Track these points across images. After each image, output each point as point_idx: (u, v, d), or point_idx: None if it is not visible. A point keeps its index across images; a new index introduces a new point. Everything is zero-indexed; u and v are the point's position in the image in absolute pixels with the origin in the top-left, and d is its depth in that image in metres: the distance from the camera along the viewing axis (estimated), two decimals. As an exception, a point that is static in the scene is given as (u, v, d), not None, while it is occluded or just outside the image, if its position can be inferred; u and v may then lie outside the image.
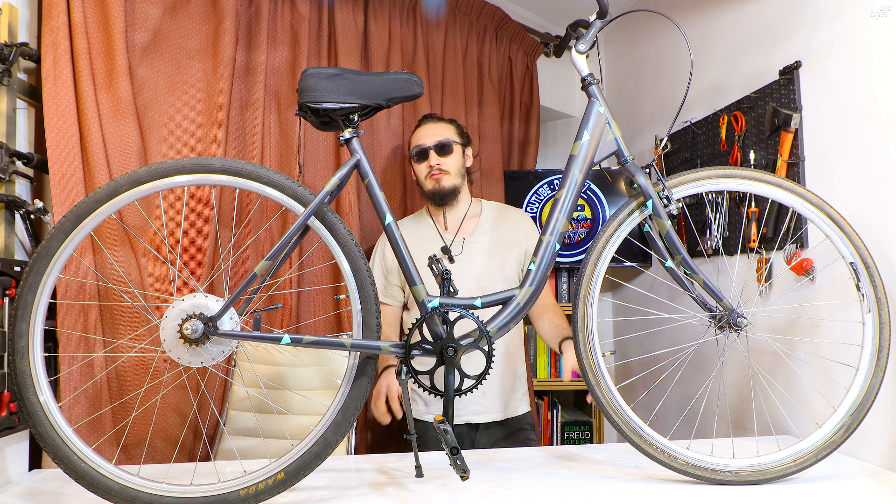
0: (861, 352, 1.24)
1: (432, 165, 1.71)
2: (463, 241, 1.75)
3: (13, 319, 1.08)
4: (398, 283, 1.78)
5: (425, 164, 1.72)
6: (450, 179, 1.72)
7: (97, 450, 1.09)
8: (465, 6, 2.37)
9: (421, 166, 1.74)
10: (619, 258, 1.33)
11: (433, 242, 1.76)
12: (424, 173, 1.73)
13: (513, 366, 1.77)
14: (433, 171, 1.71)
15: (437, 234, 1.77)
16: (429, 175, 1.72)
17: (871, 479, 1.27)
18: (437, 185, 1.71)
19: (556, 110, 3.06)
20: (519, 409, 1.78)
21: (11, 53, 1.32)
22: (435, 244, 1.75)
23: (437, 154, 1.71)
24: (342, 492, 1.19)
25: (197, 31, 1.70)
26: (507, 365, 1.75)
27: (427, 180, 1.73)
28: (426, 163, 1.72)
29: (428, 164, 1.72)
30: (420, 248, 1.72)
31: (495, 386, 1.73)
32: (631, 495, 1.17)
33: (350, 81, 1.18)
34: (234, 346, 1.15)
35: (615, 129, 1.28)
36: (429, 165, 1.72)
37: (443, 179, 1.71)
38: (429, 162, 1.72)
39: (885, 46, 1.39)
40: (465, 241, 1.75)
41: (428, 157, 1.72)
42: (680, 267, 1.26)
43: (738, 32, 1.96)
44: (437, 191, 1.72)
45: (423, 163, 1.73)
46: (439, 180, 1.71)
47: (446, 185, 1.71)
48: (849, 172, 1.48)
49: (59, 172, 1.43)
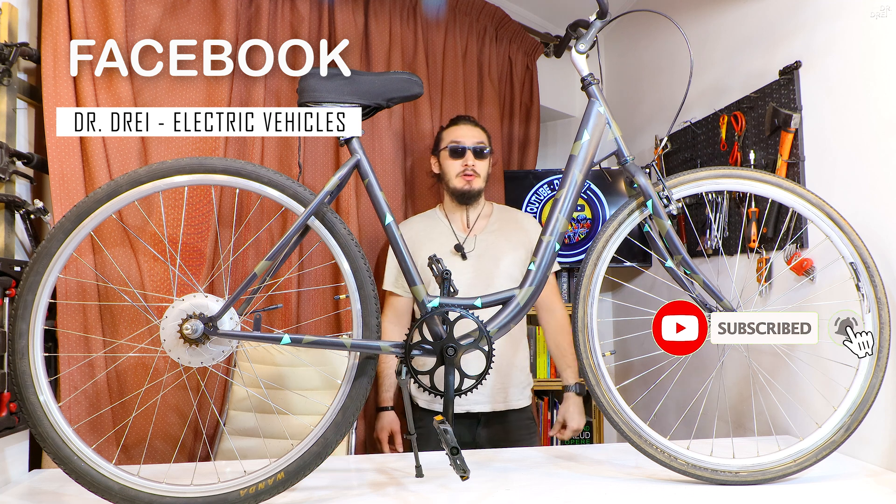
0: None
1: (468, 165, 1.75)
2: (475, 238, 1.79)
3: (13, 319, 1.08)
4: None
5: (460, 161, 1.76)
6: (479, 182, 1.77)
7: (97, 450, 1.09)
8: (465, 6, 2.37)
9: (455, 163, 1.77)
10: (619, 258, 1.33)
11: (446, 238, 1.79)
12: (457, 170, 1.76)
13: (513, 357, 1.79)
14: (467, 172, 1.75)
15: (448, 231, 1.81)
16: (461, 174, 1.76)
17: (871, 479, 1.27)
18: (467, 185, 1.76)
19: (556, 110, 3.06)
20: (520, 402, 1.79)
21: (11, 53, 1.32)
22: (446, 241, 1.78)
23: (473, 156, 1.76)
24: (342, 492, 1.19)
25: (197, 31, 1.70)
26: (508, 356, 1.76)
27: (458, 178, 1.76)
28: (461, 161, 1.76)
29: (463, 162, 1.75)
30: (434, 245, 1.74)
31: (495, 377, 1.74)
32: (631, 495, 1.17)
33: (350, 81, 1.18)
34: (234, 346, 1.15)
35: (615, 129, 1.28)
36: (464, 164, 1.75)
37: (474, 181, 1.76)
38: (465, 161, 1.75)
39: (885, 46, 1.38)
40: (476, 238, 1.79)
41: (464, 156, 1.76)
42: (680, 267, 1.26)
43: (738, 32, 1.96)
44: (467, 191, 1.76)
45: (458, 160, 1.76)
46: (471, 181, 1.76)
47: (475, 186, 1.77)
48: (849, 172, 1.48)
49: (59, 172, 1.43)
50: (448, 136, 1.80)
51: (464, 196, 1.77)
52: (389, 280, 1.81)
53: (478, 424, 1.77)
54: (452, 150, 1.76)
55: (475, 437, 1.76)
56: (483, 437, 1.76)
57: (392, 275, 1.80)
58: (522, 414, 1.80)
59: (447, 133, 1.82)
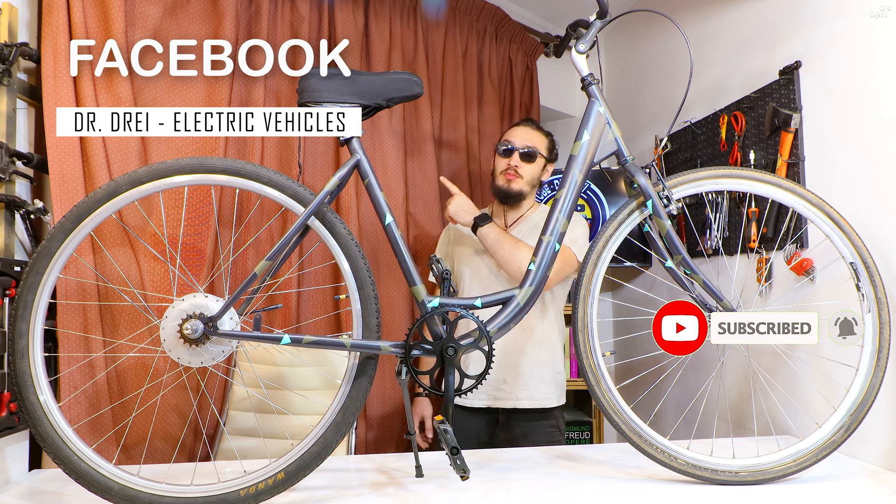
0: (861, 352, 1.24)
1: (511, 164, 1.75)
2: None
3: (13, 319, 1.08)
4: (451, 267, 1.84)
5: (506, 160, 1.76)
6: (519, 184, 1.76)
7: (97, 450, 1.09)
8: (465, 6, 2.37)
9: (502, 161, 1.78)
10: (619, 258, 1.33)
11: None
12: (501, 168, 1.77)
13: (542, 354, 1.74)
14: (508, 171, 1.75)
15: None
16: (504, 172, 1.76)
17: (871, 479, 1.27)
18: (507, 184, 1.76)
19: (556, 110, 3.06)
20: (548, 402, 1.73)
21: (11, 53, 1.32)
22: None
23: (520, 157, 1.75)
24: (342, 492, 1.19)
25: (197, 31, 1.70)
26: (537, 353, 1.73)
27: (500, 176, 1.77)
28: (507, 160, 1.76)
29: (508, 161, 1.76)
30: (472, 240, 1.75)
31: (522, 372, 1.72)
32: (631, 495, 1.17)
33: (350, 81, 1.18)
34: (234, 346, 1.15)
35: (615, 129, 1.28)
36: (508, 163, 1.76)
37: (514, 182, 1.75)
38: (510, 160, 1.76)
39: (885, 46, 1.38)
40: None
41: (511, 155, 1.76)
42: (680, 267, 1.26)
43: (738, 32, 1.96)
44: (505, 189, 1.76)
45: (505, 159, 1.77)
46: (510, 181, 1.75)
47: (514, 187, 1.76)
48: (849, 172, 1.48)
49: (59, 172, 1.43)
50: (505, 135, 1.82)
51: (503, 195, 1.77)
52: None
53: (497, 421, 1.75)
54: (503, 150, 1.77)
55: (493, 435, 1.74)
56: (501, 437, 1.74)
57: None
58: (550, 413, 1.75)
59: (506, 133, 1.83)
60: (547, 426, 1.75)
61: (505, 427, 1.75)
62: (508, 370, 1.71)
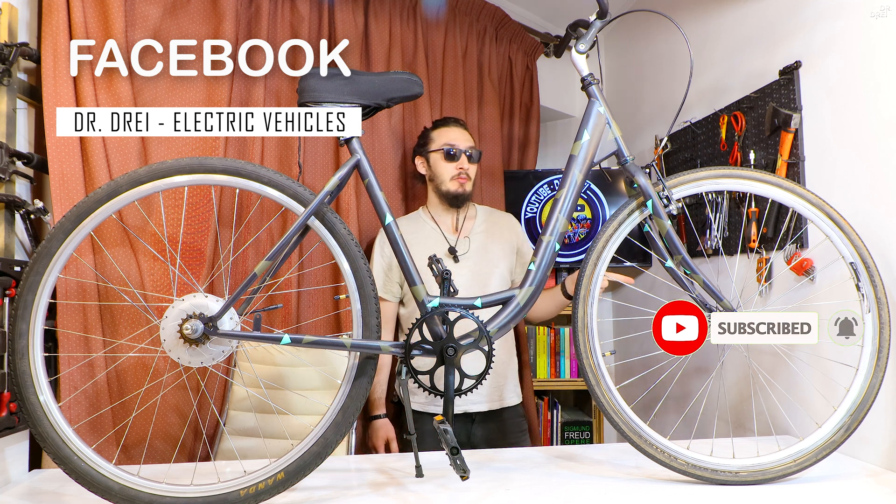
0: (861, 352, 1.24)
1: (463, 169, 1.76)
2: (467, 240, 1.80)
3: (13, 319, 1.08)
4: (398, 280, 1.81)
5: (454, 164, 1.77)
6: (469, 185, 1.80)
7: (97, 450, 1.09)
8: (465, 6, 2.37)
9: (449, 165, 1.78)
10: (619, 258, 1.33)
11: (433, 241, 1.79)
12: (451, 174, 1.77)
13: (506, 356, 1.81)
14: (461, 175, 1.77)
15: (437, 233, 1.81)
16: (456, 177, 1.77)
17: (871, 479, 1.27)
18: (461, 188, 1.78)
19: (556, 110, 3.06)
20: (512, 400, 1.82)
21: (11, 53, 1.32)
22: (435, 243, 1.78)
23: (467, 160, 1.78)
24: (342, 492, 1.19)
25: (197, 31, 1.70)
26: (500, 356, 1.77)
27: (452, 181, 1.78)
28: (455, 164, 1.77)
29: (458, 166, 1.77)
30: (423, 248, 1.73)
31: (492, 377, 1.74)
32: (631, 495, 1.17)
33: (350, 81, 1.18)
34: (234, 346, 1.15)
35: (615, 129, 1.28)
36: (459, 168, 1.77)
37: (467, 185, 1.79)
38: (460, 164, 1.77)
39: (885, 46, 1.38)
40: (468, 239, 1.80)
41: (459, 159, 1.77)
42: (680, 267, 1.26)
43: (738, 32, 1.96)
44: (461, 194, 1.78)
45: (453, 163, 1.77)
46: (464, 185, 1.78)
47: (468, 189, 1.79)
48: (849, 172, 1.48)
49: (59, 172, 1.43)
50: (440, 137, 1.80)
51: (457, 199, 1.78)
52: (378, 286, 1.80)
53: (472, 423, 1.77)
54: (447, 154, 1.76)
55: (470, 437, 1.77)
56: (478, 436, 1.77)
57: (380, 280, 1.79)
58: (515, 411, 1.83)
59: (438, 134, 1.81)
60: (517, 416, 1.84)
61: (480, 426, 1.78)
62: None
